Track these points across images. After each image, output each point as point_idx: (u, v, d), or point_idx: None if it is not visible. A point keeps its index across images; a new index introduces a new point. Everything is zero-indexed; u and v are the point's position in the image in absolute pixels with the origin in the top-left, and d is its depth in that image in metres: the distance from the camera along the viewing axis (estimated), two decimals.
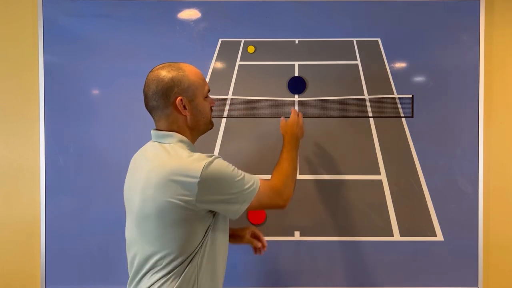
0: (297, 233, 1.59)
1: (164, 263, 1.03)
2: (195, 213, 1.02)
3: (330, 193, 1.59)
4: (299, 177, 1.59)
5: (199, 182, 0.99)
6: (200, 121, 1.13)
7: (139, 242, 1.07)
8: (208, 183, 1.01)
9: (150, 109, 1.11)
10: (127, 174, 1.17)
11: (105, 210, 1.57)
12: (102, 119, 1.59)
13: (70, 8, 1.58)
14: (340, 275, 1.59)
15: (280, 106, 1.60)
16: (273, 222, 1.59)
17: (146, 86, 1.10)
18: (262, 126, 1.59)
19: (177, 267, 1.04)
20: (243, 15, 1.60)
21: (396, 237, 1.59)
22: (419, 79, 1.60)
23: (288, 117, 1.37)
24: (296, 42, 1.61)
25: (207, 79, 1.59)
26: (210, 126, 1.19)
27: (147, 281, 1.05)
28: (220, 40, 1.60)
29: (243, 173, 1.09)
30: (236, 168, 1.08)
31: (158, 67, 1.11)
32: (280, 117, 1.44)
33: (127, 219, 1.13)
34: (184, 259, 1.04)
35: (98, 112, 1.59)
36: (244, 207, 1.07)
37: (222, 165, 1.05)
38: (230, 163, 1.08)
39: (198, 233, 1.05)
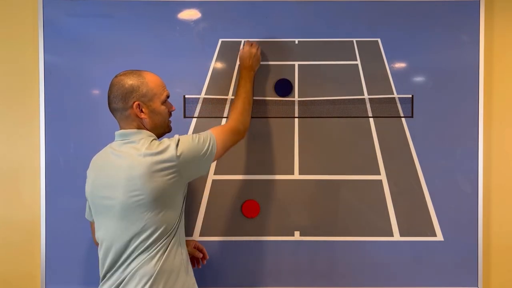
0: (297, 233, 1.59)
1: (149, 242, 1.15)
2: (180, 182, 1.18)
3: (330, 193, 1.59)
4: (299, 177, 1.59)
5: (176, 146, 1.15)
6: (157, 123, 1.25)
7: (122, 233, 1.16)
8: (182, 145, 1.17)
9: (111, 110, 1.23)
10: (93, 175, 1.25)
11: None
12: (102, 119, 1.58)
13: (70, 8, 1.58)
14: (340, 275, 1.59)
15: (280, 106, 1.60)
16: (272, 222, 1.59)
17: (109, 89, 1.22)
18: (262, 126, 1.59)
19: (164, 241, 1.17)
20: (243, 15, 1.60)
21: (396, 237, 1.59)
22: (419, 79, 1.60)
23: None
24: (296, 42, 1.61)
25: (207, 79, 1.59)
26: (167, 129, 1.31)
27: (135, 261, 1.15)
28: (220, 40, 1.60)
29: (197, 135, 1.23)
30: (192, 135, 1.23)
31: (121, 73, 1.23)
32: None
33: (100, 217, 1.22)
34: (170, 231, 1.18)
35: (98, 112, 1.58)
36: (211, 159, 1.24)
37: (185, 136, 1.22)
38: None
39: (178, 206, 1.21)
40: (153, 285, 1.14)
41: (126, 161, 1.15)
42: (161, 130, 1.28)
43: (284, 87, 1.60)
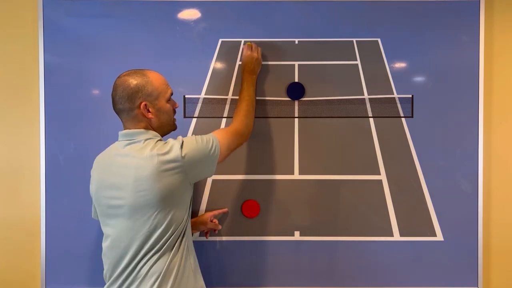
0: (297, 233, 1.59)
1: (158, 241, 1.15)
2: (186, 182, 1.18)
3: (330, 193, 1.59)
4: (299, 177, 1.59)
5: (180, 147, 1.16)
6: (164, 122, 1.25)
7: (130, 233, 1.16)
8: (186, 146, 1.17)
9: (117, 111, 1.23)
10: (97, 175, 1.25)
11: None
12: (102, 119, 1.59)
13: (70, 8, 1.58)
14: (340, 275, 1.59)
15: (280, 106, 1.60)
16: (272, 222, 1.59)
17: (113, 90, 1.21)
18: (262, 126, 1.59)
19: (172, 242, 1.17)
20: (243, 15, 1.60)
21: (396, 237, 1.59)
22: (419, 79, 1.60)
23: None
24: (296, 42, 1.61)
25: (207, 79, 1.60)
26: (173, 127, 1.31)
27: (144, 260, 1.16)
28: (220, 40, 1.60)
29: (200, 136, 1.23)
30: (195, 136, 1.23)
31: (125, 73, 1.22)
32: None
33: (106, 217, 1.22)
34: (177, 232, 1.19)
35: (98, 112, 1.59)
36: (215, 160, 1.24)
37: (189, 137, 1.22)
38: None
39: (185, 207, 1.22)
40: (161, 285, 1.14)
41: (133, 161, 1.15)
42: (167, 128, 1.29)
43: (297, 90, 1.60)
